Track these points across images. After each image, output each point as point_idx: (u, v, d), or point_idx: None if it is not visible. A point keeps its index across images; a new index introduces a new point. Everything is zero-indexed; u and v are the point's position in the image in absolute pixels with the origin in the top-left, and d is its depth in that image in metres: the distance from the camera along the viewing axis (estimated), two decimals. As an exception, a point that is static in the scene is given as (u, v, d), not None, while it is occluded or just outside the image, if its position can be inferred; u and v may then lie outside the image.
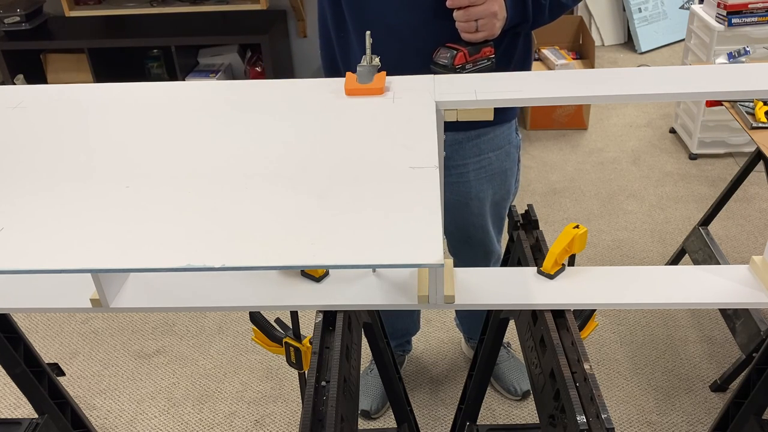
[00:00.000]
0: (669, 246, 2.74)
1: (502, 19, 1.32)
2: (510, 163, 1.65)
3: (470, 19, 1.29)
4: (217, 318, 2.51)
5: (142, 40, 3.53)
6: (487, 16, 1.28)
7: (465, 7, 1.28)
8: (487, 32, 1.30)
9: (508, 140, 1.62)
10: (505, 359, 2.16)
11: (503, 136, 1.60)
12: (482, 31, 1.30)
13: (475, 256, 1.80)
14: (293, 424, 2.08)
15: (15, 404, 2.20)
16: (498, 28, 1.31)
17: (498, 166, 1.62)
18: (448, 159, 1.57)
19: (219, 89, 1.10)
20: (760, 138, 1.91)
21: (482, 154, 1.59)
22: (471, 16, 1.28)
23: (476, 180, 1.61)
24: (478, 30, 1.29)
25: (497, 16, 1.29)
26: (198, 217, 0.79)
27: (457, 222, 1.70)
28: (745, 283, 1.06)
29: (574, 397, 0.89)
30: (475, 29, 1.29)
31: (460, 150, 1.57)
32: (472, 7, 1.28)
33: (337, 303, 1.03)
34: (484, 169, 1.60)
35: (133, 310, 1.06)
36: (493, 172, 1.62)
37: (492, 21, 1.29)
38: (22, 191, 0.86)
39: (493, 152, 1.60)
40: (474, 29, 1.29)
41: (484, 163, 1.60)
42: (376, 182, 0.83)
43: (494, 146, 1.59)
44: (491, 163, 1.61)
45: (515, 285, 1.07)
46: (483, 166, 1.60)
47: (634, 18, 4.60)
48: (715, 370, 2.16)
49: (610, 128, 3.71)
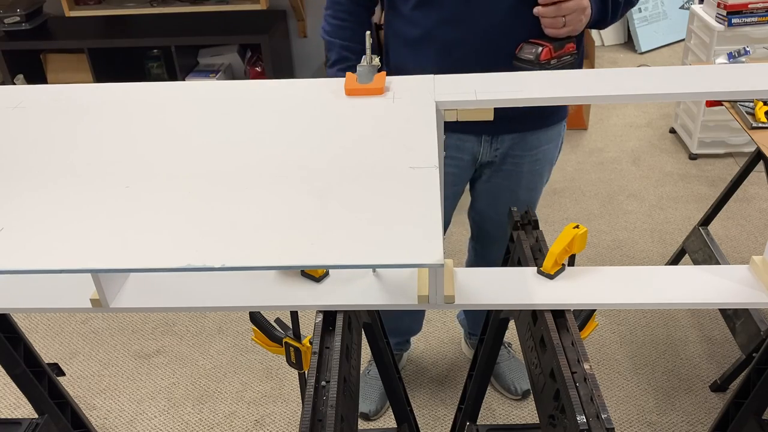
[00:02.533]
0: (669, 246, 2.74)
1: (588, 16, 1.31)
2: (556, 152, 1.71)
3: (560, 15, 1.27)
4: (217, 318, 2.50)
5: (142, 40, 3.53)
6: (576, 11, 1.27)
7: (555, 2, 1.27)
8: (573, 27, 1.30)
9: (559, 133, 1.67)
10: (505, 359, 2.16)
11: (557, 129, 1.65)
12: (568, 26, 1.29)
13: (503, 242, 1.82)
14: (293, 424, 2.08)
15: (15, 404, 2.20)
16: (583, 24, 1.31)
17: (549, 157, 1.67)
18: (509, 149, 1.61)
19: (219, 89, 1.10)
20: (760, 138, 1.91)
21: (540, 146, 1.63)
22: (561, 11, 1.27)
23: (529, 171, 1.66)
24: (564, 25, 1.28)
25: (585, 12, 1.29)
26: (198, 217, 0.79)
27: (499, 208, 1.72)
28: (745, 283, 1.06)
29: (574, 397, 0.89)
30: (563, 24, 1.28)
31: (521, 142, 1.60)
32: (563, 2, 1.27)
33: (337, 303, 1.03)
34: (538, 161, 1.65)
35: (133, 310, 1.06)
36: (544, 163, 1.67)
37: (579, 16, 1.29)
38: (22, 191, 0.86)
39: (548, 144, 1.64)
40: (561, 24, 1.28)
41: (539, 156, 1.64)
42: (376, 182, 0.83)
43: (549, 139, 1.64)
44: (545, 155, 1.65)
45: (515, 285, 1.07)
46: (538, 158, 1.64)
47: (634, 18, 4.60)
48: (715, 370, 2.16)
49: (610, 128, 3.71)
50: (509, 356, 2.18)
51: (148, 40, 3.54)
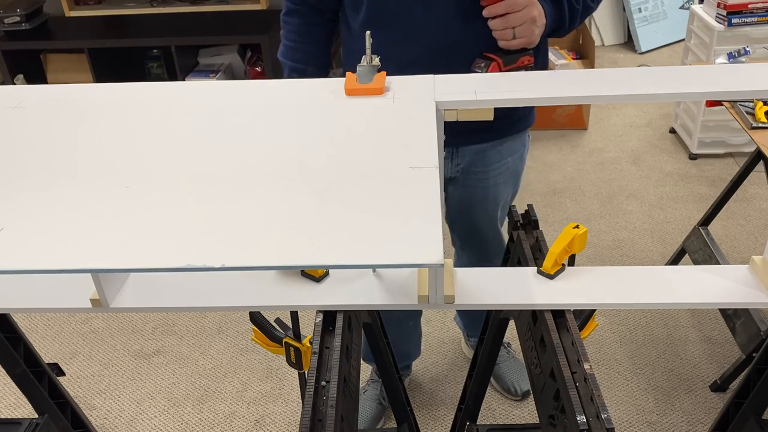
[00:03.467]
0: (669, 246, 2.74)
1: (542, 26, 1.28)
2: (522, 165, 1.69)
3: (508, 27, 1.25)
4: (217, 318, 2.50)
5: (142, 40, 3.53)
6: (525, 22, 1.24)
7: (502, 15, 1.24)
8: (526, 39, 1.26)
9: (523, 143, 1.64)
10: (505, 359, 2.16)
11: (519, 141, 1.62)
12: (520, 38, 1.26)
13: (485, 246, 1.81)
14: (293, 424, 2.08)
15: (15, 404, 2.20)
16: (537, 36, 1.28)
17: (513, 169, 1.65)
18: (470, 165, 1.58)
19: (219, 89, 1.10)
20: (760, 138, 1.91)
21: (503, 160, 1.61)
22: (509, 23, 1.24)
23: (494, 185, 1.64)
24: (515, 37, 1.25)
25: (536, 23, 1.25)
26: (198, 217, 0.79)
27: (471, 220, 1.72)
28: (745, 283, 1.06)
29: (574, 397, 0.89)
30: (513, 37, 1.25)
31: (484, 158, 1.58)
32: (510, 14, 1.24)
33: (337, 303, 1.03)
34: (502, 174, 1.63)
35: (133, 310, 1.06)
36: (509, 175, 1.65)
37: (531, 27, 1.25)
38: (22, 191, 0.86)
39: (511, 156, 1.62)
40: (512, 36, 1.25)
41: (503, 169, 1.62)
42: (376, 182, 0.83)
43: (512, 151, 1.61)
44: (509, 167, 1.63)
45: (515, 285, 1.07)
46: (502, 171, 1.62)
47: (634, 18, 4.60)
48: (715, 370, 2.16)
49: (610, 128, 3.71)
50: (509, 356, 2.18)
51: (148, 40, 3.54)
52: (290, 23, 1.49)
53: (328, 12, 1.46)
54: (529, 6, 1.24)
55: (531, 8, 1.24)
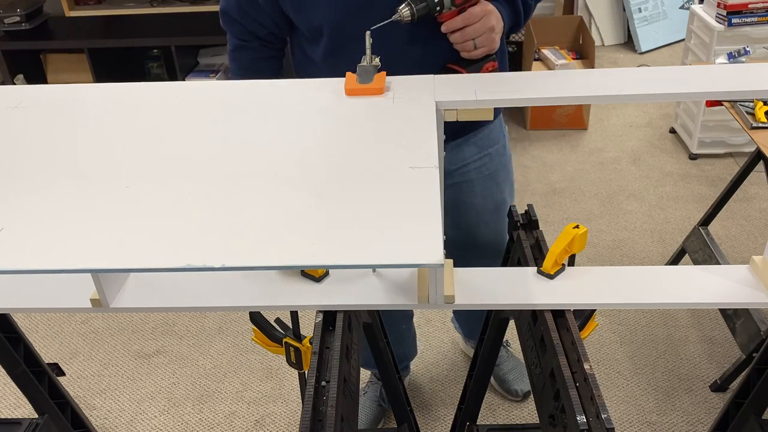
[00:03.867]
0: (669, 246, 2.74)
1: (500, 32, 1.28)
2: (507, 155, 1.64)
3: (467, 39, 1.24)
4: (217, 318, 2.50)
5: (142, 40, 3.53)
6: (484, 32, 1.24)
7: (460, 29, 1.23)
8: (487, 47, 1.26)
9: (502, 133, 1.61)
10: (504, 359, 2.15)
11: (498, 129, 1.58)
12: (481, 47, 1.26)
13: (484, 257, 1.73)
14: (293, 424, 2.08)
15: (15, 404, 2.20)
16: (497, 42, 1.28)
17: (498, 161, 1.60)
18: (448, 163, 1.54)
19: (219, 89, 1.10)
20: (760, 138, 1.91)
21: (482, 151, 1.57)
22: (468, 35, 1.24)
23: (478, 178, 1.59)
24: (476, 47, 1.25)
25: (495, 30, 1.25)
26: (198, 217, 0.79)
27: (461, 225, 1.66)
28: (745, 283, 1.06)
29: (574, 397, 0.89)
30: (474, 47, 1.25)
31: (460, 153, 1.54)
32: (468, 27, 1.23)
33: (337, 303, 1.03)
34: (485, 166, 1.58)
35: (133, 310, 1.06)
36: (495, 167, 1.60)
37: (490, 36, 1.25)
38: (22, 191, 0.86)
39: (492, 147, 1.58)
40: (472, 48, 1.25)
41: (486, 160, 1.58)
42: (376, 182, 0.83)
43: (491, 141, 1.57)
44: (492, 159, 1.59)
45: (515, 285, 1.07)
46: (484, 163, 1.58)
47: (634, 18, 4.60)
48: (715, 370, 2.16)
49: (610, 128, 3.71)
50: (509, 356, 2.17)
51: (148, 40, 3.54)
52: (241, 59, 1.43)
53: (278, 42, 1.42)
54: (486, 15, 1.24)
55: (488, 17, 1.24)
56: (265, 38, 1.40)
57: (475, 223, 1.67)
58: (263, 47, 1.41)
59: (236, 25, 1.38)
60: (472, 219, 1.66)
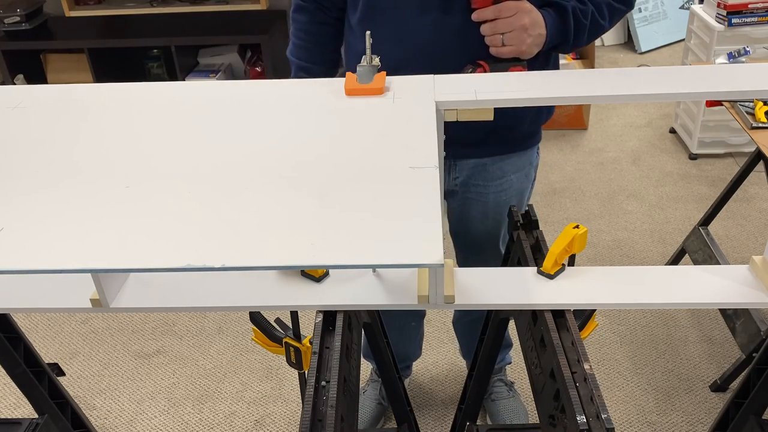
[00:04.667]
0: (669, 246, 2.74)
1: (536, 36, 1.25)
2: (527, 182, 1.61)
3: (496, 33, 1.23)
4: (217, 318, 2.50)
5: (142, 40, 3.53)
6: (514, 29, 1.22)
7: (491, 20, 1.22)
8: (515, 47, 1.24)
9: (530, 161, 1.58)
10: (504, 396, 2.04)
11: (526, 158, 1.56)
12: (509, 45, 1.23)
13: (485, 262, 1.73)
14: (293, 424, 2.08)
15: (15, 404, 2.20)
16: (529, 45, 1.25)
17: (517, 187, 1.58)
18: (469, 178, 1.53)
19: (219, 89, 1.10)
20: (760, 138, 1.91)
21: (504, 177, 1.54)
22: (497, 29, 1.22)
23: (495, 202, 1.57)
24: (504, 44, 1.23)
25: (527, 31, 1.23)
26: (198, 217, 0.79)
27: (470, 236, 1.66)
28: (745, 283, 1.06)
29: (574, 397, 0.89)
30: (501, 43, 1.23)
31: (483, 172, 1.52)
32: (499, 19, 1.22)
33: (337, 303, 1.03)
34: (504, 192, 1.56)
35: (133, 310, 1.06)
36: (511, 194, 1.58)
37: (521, 35, 1.23)
38: (22, 191, 0.86)
39: (515, 174, 1.55)
40: (500, 43, 1.23)
41: (506, 186, 1.55)
42: (376, 182, 0.83)
43: (516, 168, 1.55)
44: (512, 185, 1.56)
45: (515, 285, 1.07)
46: (504, 189, 1.56)
47: (634, 18, 4.60)
48: (715, 370, 2.16)
49: (610, 128, 3.71)
50: (509, 394, 2.05)
51: (148, 40, 3.54)
52: (298, 21, 1.48)
53: (334, 10, 1.45)
54: (520, 13, 1.22)
55: (522, 15, 1.22)
56: (321, 2, 1.44)
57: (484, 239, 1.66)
58: (318, 11, 1.46)
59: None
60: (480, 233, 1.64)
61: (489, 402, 2.03)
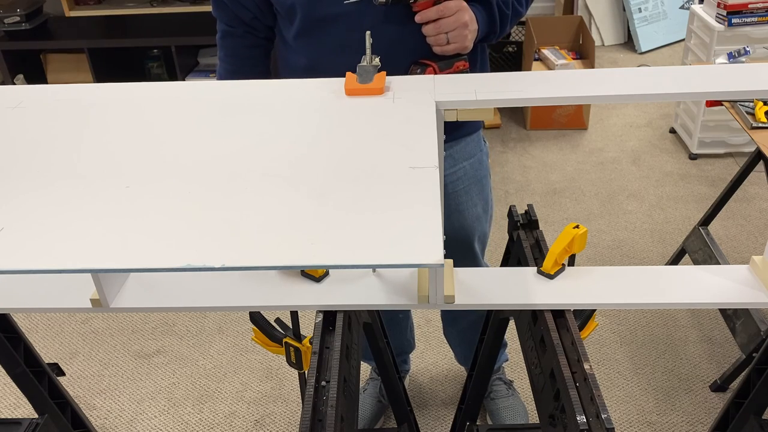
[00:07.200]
0: (669, 246, 2.74)
1: (474, 31, 1.28)
2: (484, 171, 1.61)
3: (441, 32, 1.25)
4: (217, 318, 2.51)
5: (142, 40, 3.53)
6: (457, 27, 1.24)
7: (434, 21, 1.24)
8: (459, 44, 1.27)
9: (479, 148, 1.58)
10: (503, 395, 2.03)
11: (473, 144, 1.56)
12: (454, 43, 1.26)
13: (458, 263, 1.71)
14: (293, 424, 2.08)
15: (15, 404, 2.20)
16: (470, 40, 1.28)
17: (473, 174, 1.58)
18: None
19: (219, 89, 1.10)
20: (760, 138, 1.91)
21: (457, 164, 1.54)
22: (441, 28, 1.24)
23: (453, 192, 1.56)
24: (449, 42, 1.26)
25: (468, 27, 1.26)
26: (198, 217, 0.79)
27: None
28: (745, 283, 1.06)
29: (574, 397, 0.89)
30: (446, 42, 1.26)
31: None
32: (442, 19, 1.24)
33: (337, 303, 1.03)
34: (460, 180, 1.55)
35: (133, 310, 1.06)
36: (469, 182, 1.58)
37: (463, 32, 1.25)
38: (22, 191, 0.86)
39: (467, 161, 1.56)
40: (445, 42, 1.26)
41: (460, 173, 1.55)
42: (376, 182, 0.83)
43: (467, 155, 1.55)
44: (466, 172, 1.56)
45: (515, 285, 1.07)
46: (459, 177, 1.55)
47: (634, 18, 4.60)
48: (715, 370, 2.16)
49: (610, 128, 3.71)
50: (508, 393, 2.05)
51: (148, 40, 3.54)
52: (227, 47, 1.47)
53: (263, 30, 1.45)
54: (461, 11, 1.24)
55: (462, 13, 1.24)
56: (250, 24, 1.43)
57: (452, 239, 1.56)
58: (248, 34, 1.45)
59: (225, 9, 1.42)
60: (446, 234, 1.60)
61: (488, 401, 2.03)
